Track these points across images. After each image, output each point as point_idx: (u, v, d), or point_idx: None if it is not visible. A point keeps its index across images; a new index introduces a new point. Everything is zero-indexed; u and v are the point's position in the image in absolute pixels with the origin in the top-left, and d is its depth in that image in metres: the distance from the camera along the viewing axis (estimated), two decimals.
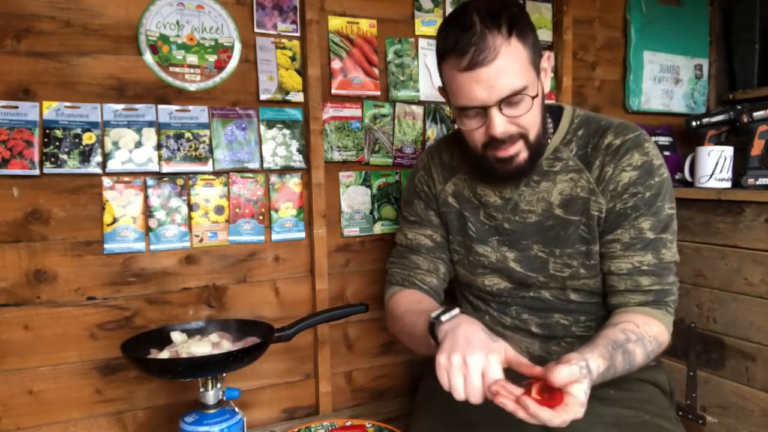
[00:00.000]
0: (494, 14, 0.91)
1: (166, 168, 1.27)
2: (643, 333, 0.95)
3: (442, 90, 1.05)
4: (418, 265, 1.17)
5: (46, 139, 1.17)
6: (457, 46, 0.91)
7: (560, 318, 1.11)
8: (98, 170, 1.22)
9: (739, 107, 1.64)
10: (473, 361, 0.79)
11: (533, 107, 0.95)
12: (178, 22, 1.27)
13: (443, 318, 0.89)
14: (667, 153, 1.84)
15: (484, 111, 0.94)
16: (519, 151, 0.98)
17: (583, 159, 1.05)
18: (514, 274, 1.11)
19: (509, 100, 0.93)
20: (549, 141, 1.06)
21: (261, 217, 1.37)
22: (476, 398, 0.79)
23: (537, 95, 0.95)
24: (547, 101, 1.09)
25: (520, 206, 1.08)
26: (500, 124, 0.94)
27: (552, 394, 0.77)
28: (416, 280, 1.16)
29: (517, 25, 0.92)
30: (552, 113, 1.09)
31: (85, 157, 1.20)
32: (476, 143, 1.00)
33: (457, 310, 0.90)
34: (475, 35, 0.90)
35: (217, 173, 1.33)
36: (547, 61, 1.02)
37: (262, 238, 1.38)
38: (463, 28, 0.92)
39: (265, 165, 1.37)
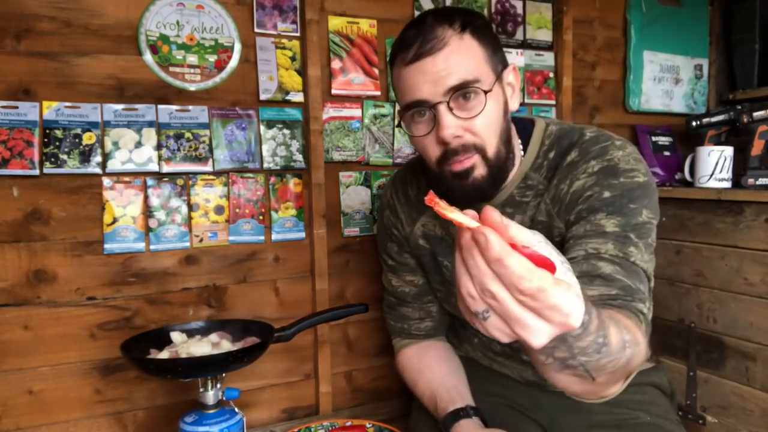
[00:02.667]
0: (448, 11, 0.86)
1: (166, 168, 1.27)
2: (619, 317, 0.69)
3: (400, 113, 0.91)
4: (408, 316, 1.18)
5: (46, 139, 1.17)
6: (404, 41, 0.85)
7: None
8: (98, 170, 1.22)
9: (739, 107, 1.65)
10: None
11: (486, 109, 0.84)
12: (178, 22, 1.27)
13: None
14: (667, 153, 1.84)
15: (433, 113, 0.84)
16: (475, 164, 0.86)
17: (549, 181, 0.94)
18: None
19: (458, 97, 0.83)
20: (516, 164, 0.95)
21: (261, 217, 1.37)
22: None
23: (490, 91, 0.84)
24: (519, 115, 1.00)
25: None
26: (450, 124, 0.83)
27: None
28: (412, 331, 1.18)
29: (472, 25, 0.85)
30: (523, 130, 0.97)
31: (85, 157, 1.20)
32: (430, 157, 0.88)
33: None
34: (423, 27, 0.83)
35: (217, 173, 1.33)
36: (513, 73, 0.91)
37: (262, 238, 1.38)
38: (413, 25, 0.86)
39: (265, 165, 1.37)
